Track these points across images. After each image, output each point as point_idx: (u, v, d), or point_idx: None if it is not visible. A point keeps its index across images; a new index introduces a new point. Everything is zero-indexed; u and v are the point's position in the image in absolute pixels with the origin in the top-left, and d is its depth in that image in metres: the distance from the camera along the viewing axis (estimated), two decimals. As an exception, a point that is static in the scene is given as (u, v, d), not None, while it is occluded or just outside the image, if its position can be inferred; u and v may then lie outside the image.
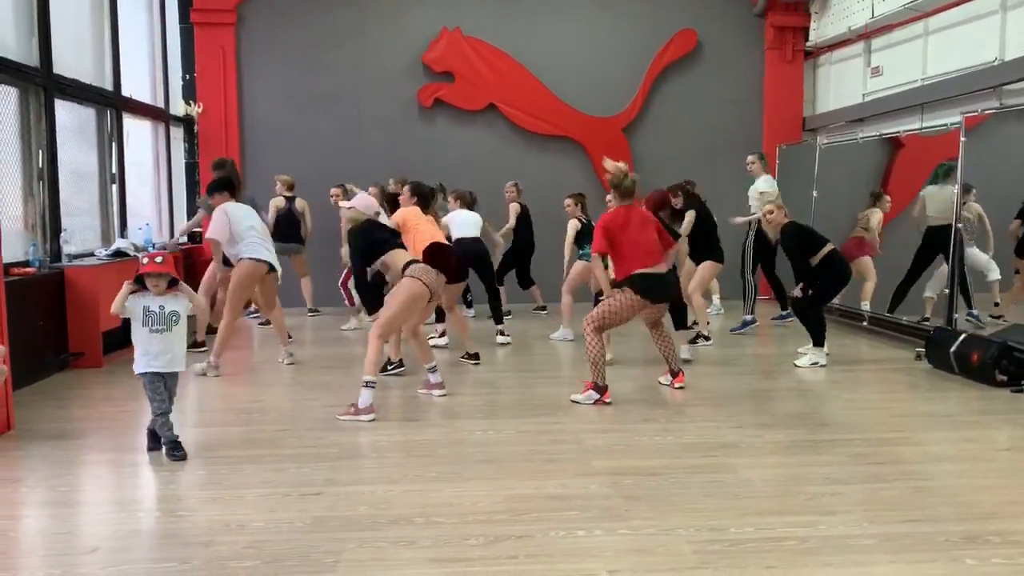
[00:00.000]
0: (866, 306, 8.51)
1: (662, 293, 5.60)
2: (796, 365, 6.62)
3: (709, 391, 5.89)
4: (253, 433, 4.91)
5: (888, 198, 8.50)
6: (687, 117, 10.64)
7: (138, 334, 4.40)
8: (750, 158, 8.83)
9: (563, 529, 3.40)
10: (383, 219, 6.35)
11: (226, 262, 6.68)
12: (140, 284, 4.37)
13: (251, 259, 6.48)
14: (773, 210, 6.89)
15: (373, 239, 5.59)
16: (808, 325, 6.72)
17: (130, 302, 4.35)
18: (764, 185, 8.58)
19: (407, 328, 5.95)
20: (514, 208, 9.10)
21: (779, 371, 6.64)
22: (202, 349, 7.18)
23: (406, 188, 6.78)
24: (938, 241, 7.52)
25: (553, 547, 3.23)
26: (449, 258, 6.18)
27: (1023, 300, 7.44)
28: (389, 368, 6.34)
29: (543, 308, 9.47)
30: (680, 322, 6.98)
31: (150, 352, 4.38)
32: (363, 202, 5.94)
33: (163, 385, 4.42)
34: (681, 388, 5.83)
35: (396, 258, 5.49)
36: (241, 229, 6.47)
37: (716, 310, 9.44)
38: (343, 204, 5.96)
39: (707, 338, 7.70)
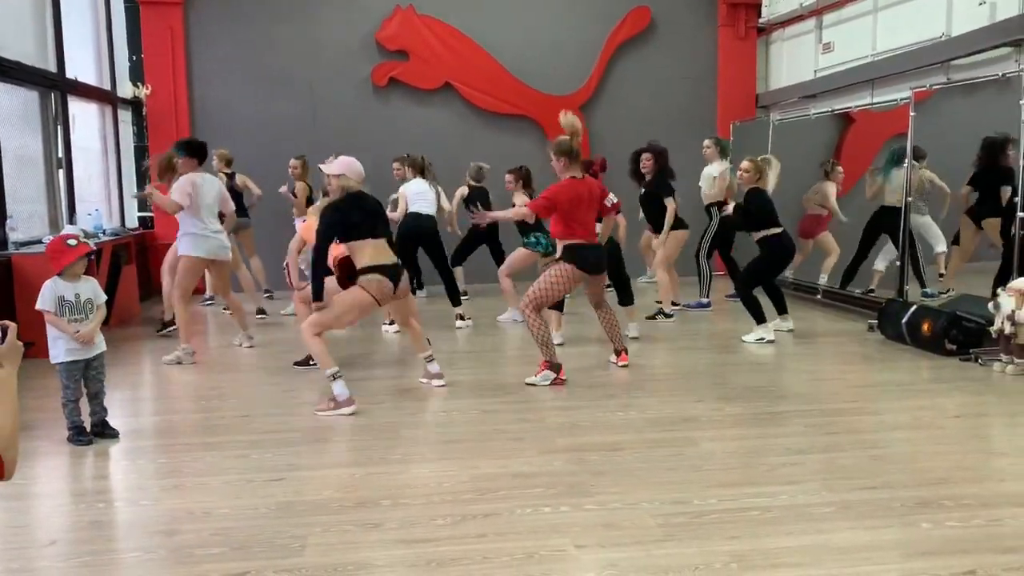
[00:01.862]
0: (824, 279, 8.66)
1: (598, 264, 5.60)
2: (743, 340, 6.71)
3: (669, 366, 5.96)
4: (214, 420, 4.85)
5: (840, 169, 8.61)
6: (643, 95, 10.67)
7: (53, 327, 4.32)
8: (707, 142, 8.72)
9: (529, 506, 3.42)
10: None
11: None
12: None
13: (195, 256, 6.41)
14: (750, 168, 6.80)
15: (351, 221, 4.95)
16: (746, 305, 6.76)
17: (48, 293, 4.27)
18: (715, 169, 8.48)
19: (399, 318, 5.75)
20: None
21: (737, 346, 6.74)
22: (174, 327, 7.11)
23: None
24: (886, 221, 7.67)
25: (520, 524, 3.26)
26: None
27: (962, 270, 7.62)
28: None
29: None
30: (627, 299, 6.98)
31: (72, 341, 4.32)
32: (353, 168, 5.10)
33: (83, 372, 4.39)
34: (625, 367, 5.84)
35: (360, 253, 4.97)
36: (202, 208, 6.39)
37: (648, 278, 9.45)
38: (329, 170, 5.04)
39: (668, 315, 7.77)
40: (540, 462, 3.96)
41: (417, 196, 7.83)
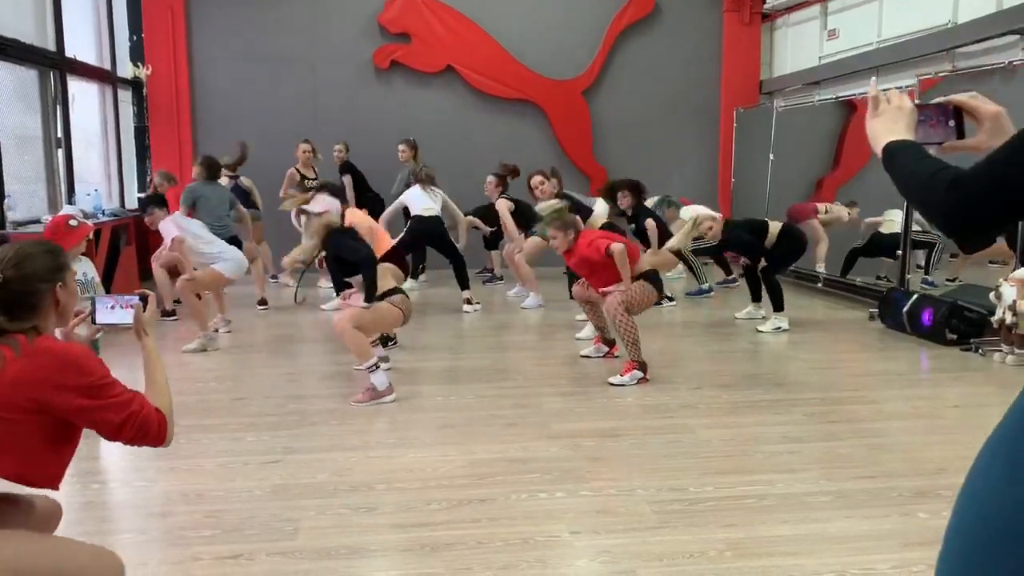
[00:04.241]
0: (821, 268, 8.63)
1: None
2: (759, 331, 6.67)
3: (667, 353, 5.93)
4: (210, 402, 4.84)
5: (857, 210, 8.53)
6: (646, 80, 10.60)
7: None
8: (663, 209, 8.42)
9: (525, 492, 3.41)
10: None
11: None
12: None
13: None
14: (712, 226, 6.79)
15: (357, 257, 5.02)
16: (769, 292, 6.77)
17: None
18: (688, 214, 8.14)
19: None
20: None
21: (735, 333, 6.72)
22: (174, 318, 7.07)
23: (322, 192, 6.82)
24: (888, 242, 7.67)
25: (515, 510, 3.25)
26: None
27: (972, 261, 7.59)
28: (389, 344, 6.03)
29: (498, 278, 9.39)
30: None
31: None
32: (332, 205, 5.37)
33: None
34: (618, 357, 5.71)
35: (383, 279, 5.06)
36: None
37: (678, 274, 9.47)
38: (314, 210, 5.33)
39: (671, 299, 7.80)
40: (536, 448, 3.95)
41: (418, 200, 7.83)
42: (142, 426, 1.99)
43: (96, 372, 1.94)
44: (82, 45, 8.84)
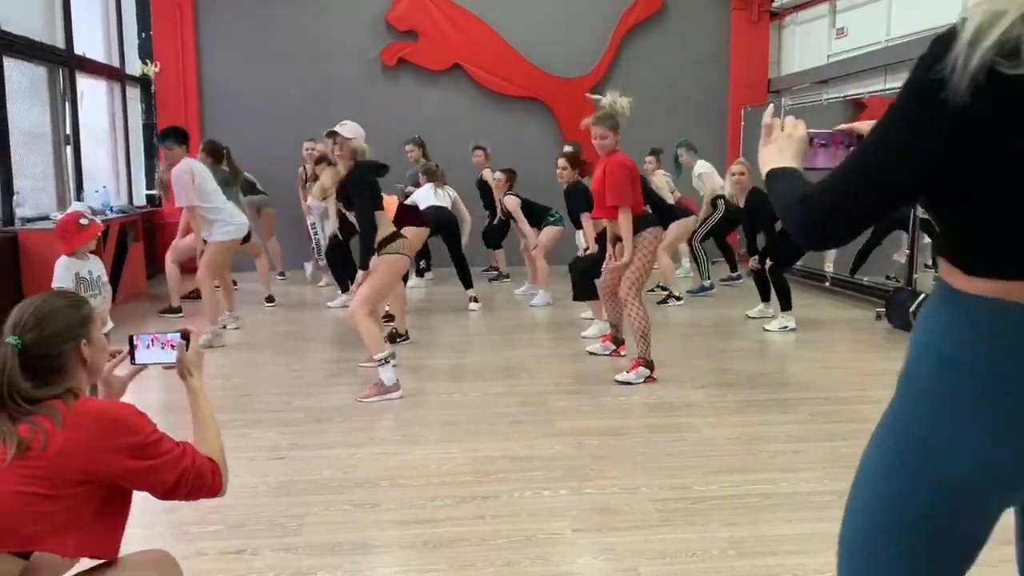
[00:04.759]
0: (829, 267, 8.61)
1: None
2: (765, 329, 6.65)
3: (672, 352, 5.93)
4: (216, 398, 4.84)
5: None
6: (653, 78, 10.57)
7: None
8: (680, 150, 8.82)
9: (528, 489, 3.42)
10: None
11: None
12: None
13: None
14: (744, 171, 6.82)
15: (377, 190, 4.94)
16: (777, 291, 6.74)
17: (63, 272, 4.21)
18: (704, 167, 8.67)
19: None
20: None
21: (740, 331, 6.71)
22: (180, 315, 7.11)
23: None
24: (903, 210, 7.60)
25: (518, 507, 3.25)
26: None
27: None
28: (398, 341, 6.08)
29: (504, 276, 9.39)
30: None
31: None
32: (360, 133, 5.08)
33: None
34: (624, 356, 5.67)
35: (384, 222, 4.94)
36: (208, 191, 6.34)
37: (685, 272, 9.47)
38: (344, 133, 4.89)
39: (678, 298, 7.80)
40: (540, 446, 3.96)
41: (427, 199, 7.82)
42: (196, 480, 1.88)
43: (144, 429, 1.81)
44: (91, 42, 8.88)
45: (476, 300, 7.69)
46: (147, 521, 3.15)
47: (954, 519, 1.34)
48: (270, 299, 7.77)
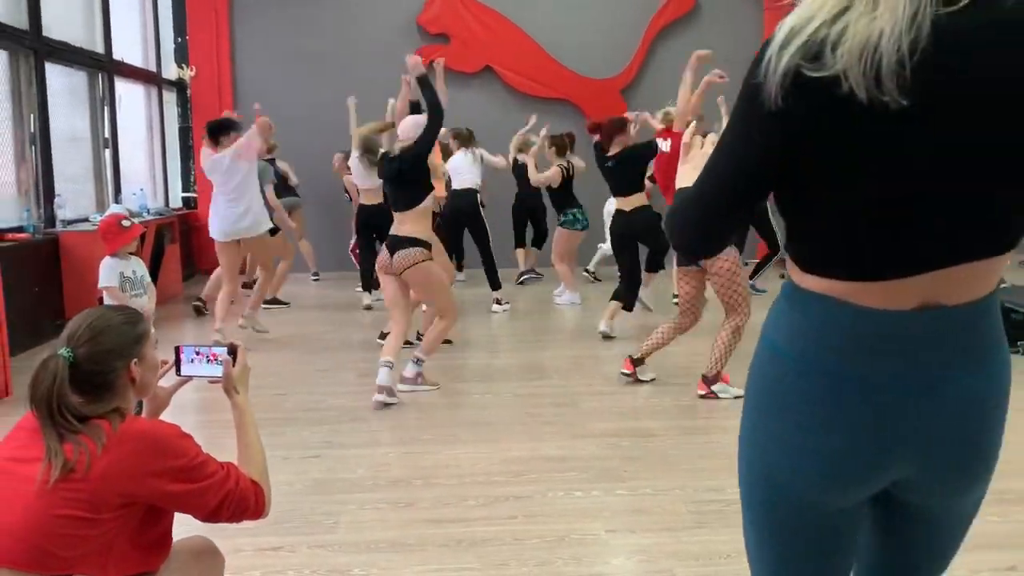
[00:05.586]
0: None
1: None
2: None
3: (704, 353, 5.89)
4: (251, 397, 4.90)
5: None
6: (685, 79, 10.52)
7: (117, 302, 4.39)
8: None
9: (561, 490, 3.43)
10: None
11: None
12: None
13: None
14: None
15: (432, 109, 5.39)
16: None
17: (109, 271, 4.30)
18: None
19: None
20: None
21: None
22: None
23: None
24: None
25: (551, 507, 3.26)
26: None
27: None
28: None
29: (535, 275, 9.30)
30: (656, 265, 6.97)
31: None
32: (403, 128, 5.55)
33: None
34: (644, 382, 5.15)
35: (424, 220, 5.11)
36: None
37: None
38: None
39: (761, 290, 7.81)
40: (573, 446, 3.96)
41: (455, 173, 7.87)
42: (239, 504, 1.84)
43: (189, 452, 1.78)
44: (129, 47, 9.03)
45: (499, 302, 7.64)
46: (185, 517, 3.19)
47: (797, 514, 1.39)
48: (275, 301, 7.74)
